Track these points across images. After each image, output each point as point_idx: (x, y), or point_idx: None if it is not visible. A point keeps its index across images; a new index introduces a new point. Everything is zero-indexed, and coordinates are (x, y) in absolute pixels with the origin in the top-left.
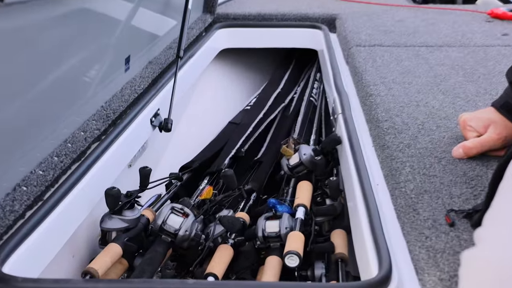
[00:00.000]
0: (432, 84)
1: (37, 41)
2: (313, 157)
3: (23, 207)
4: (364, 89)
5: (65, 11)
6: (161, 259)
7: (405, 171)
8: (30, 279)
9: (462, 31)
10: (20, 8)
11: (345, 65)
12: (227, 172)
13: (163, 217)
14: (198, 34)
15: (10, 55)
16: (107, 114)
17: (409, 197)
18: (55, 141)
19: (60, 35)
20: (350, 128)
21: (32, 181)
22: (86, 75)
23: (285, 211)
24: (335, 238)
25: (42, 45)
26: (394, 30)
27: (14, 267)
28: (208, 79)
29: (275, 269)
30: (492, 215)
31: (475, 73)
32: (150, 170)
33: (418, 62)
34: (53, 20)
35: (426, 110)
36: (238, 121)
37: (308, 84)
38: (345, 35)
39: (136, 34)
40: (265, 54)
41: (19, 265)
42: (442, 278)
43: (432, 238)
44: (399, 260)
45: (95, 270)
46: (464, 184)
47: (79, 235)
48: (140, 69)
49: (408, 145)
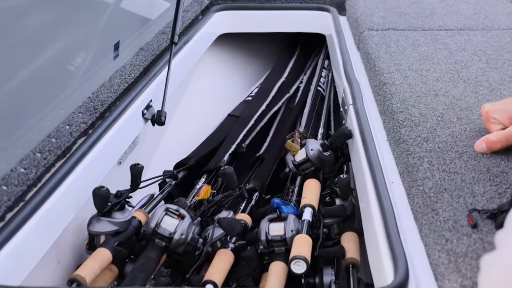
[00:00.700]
0: (453, 72)
1: (16, 26)
2: (321, 153)
3: (3, 209)
4: (377, 77)
5: None
6: (154, 266)
7: (423, 167)
8: (11, 287)
9: (485, 13)
10: None
11: (356, 51)
12: (227, 169)
13: (157, 219)
14: (194, 18)
15: None
16: (94, 106)
17: (427, 196)
18: (38, 136)
19: (42, 19)
20: (362, 120)
21: (12, 180)
22: (71, 63)
23: (291, 213)
24: (346, 242)
25: (22, 30)
26: (410, 12)
27: None
28: (205, 67)
29: (279, 276)
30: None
31: (500, 59)
32: (142, 167)
33: (436, 47)
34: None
35: (446, 100)
36: (238, 114)
37: (315, 72)
38: (356, 18)
39: (126, 18)
40: (267, 40)
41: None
42: (464, 284)
43: (453, 241)
44: (416, 265)
45: (82, 278)
46: (487, 181)
47: (65, 239)
48: (130, 56)
49: (426, 138)
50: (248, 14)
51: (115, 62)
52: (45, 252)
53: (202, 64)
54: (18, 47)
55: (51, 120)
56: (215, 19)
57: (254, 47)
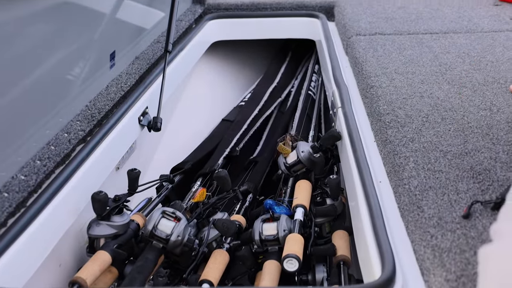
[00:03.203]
0: (437, 74)
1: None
2: (311, 155)
3: (4, 215)
4: (365, 80)
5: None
6: (152, 267)
7: (409, 166)
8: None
9: (468, 16)
10: None
11: (344, 55)
12: (220, 173)
13: (154, 222)
14: (188, 27)
15: None
16: (92, 113)
17: (413, 194)
18: (37, 144)
19: (41, 31)
20: (350, 122)
21: (13, 186)
22: (69, 73)
23: (283, 213)
24: (337, 240)
25: (22, 41)
26: (396, 17)
27: None
28: (199, 74)
29: (273, 274)
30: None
31: (483, 60)
32: (139, 172)
33: (421, 51)
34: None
35: (431, 101)
36: (232, 119)
37: (306, 77)
38: (344, 24)
39: (121, 28)
40: (259, 46)
41: (2, 276)
42: (449, 278)
43: (438, 237)
44: (403, 261)
45: (83, 280)
46: (471, 179)
47: (65, 243)
48: (126, 65)
49: (411, 139)
50: (240, 22)
51: (111, 71)
52: (47, 255)
53: (196, 71)
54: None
55: (50, 128)
56: (208, 28)
57: (247, 54)
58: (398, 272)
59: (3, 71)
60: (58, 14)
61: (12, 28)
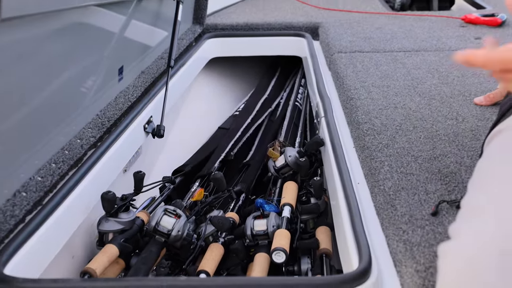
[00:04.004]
0: (409, 87)
1: (35, 54)
2: (298, 159)
3: (23, 212)
4: (345, 93)
5: (61, 25)
6: (155, 258)
7: (384, 169)
8: (31, 279)
9: (438, 36)
10: (17, 23)
11: (327, 70)
12: (217, 175)
13: (157, 218)
14: (188, 44)
15: (10, 68)
16: (102, 122)
17: (387, 194)
18: (53, 149)
19: (57, 48)
20: (332, 130)
21: (31, 187)
22: (82, 86)
23: (272, 210)
24: (320, 235)
25: (40, 57)
26: (373, 36)
27: (15, 269)
28: (198, 87)
29: (263, 265)
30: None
31: (450, 76)
32: (143, 174)
33: (396, 66)
34: (49, 33)
35: (404, 112)
36: (228, 126)
37: (293, 89)
38: (327, 42)
39: (129, 46)
40: (252, 62)
41: (20, 267)
42: (418, 269)
43: (409, 232)
44: (378, 253)
45: (93, 270)
46: (439, 181)
47: (78, 237)
48: (133, 78)
49: (386, 145)
50: (235, 41)
51: (119, 84)
52: (61, 248)
53: (195, 84)
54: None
55: (65, 135)
56: (207, 45)
57: (241, 69)
58: (373, 263)
59: (23, 84)
60: (72, 33)
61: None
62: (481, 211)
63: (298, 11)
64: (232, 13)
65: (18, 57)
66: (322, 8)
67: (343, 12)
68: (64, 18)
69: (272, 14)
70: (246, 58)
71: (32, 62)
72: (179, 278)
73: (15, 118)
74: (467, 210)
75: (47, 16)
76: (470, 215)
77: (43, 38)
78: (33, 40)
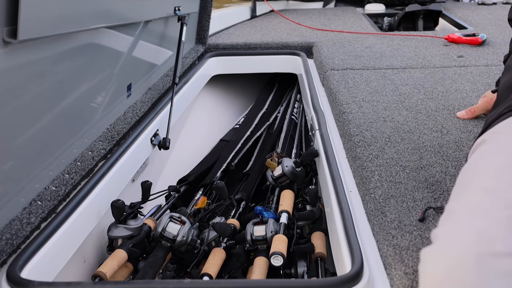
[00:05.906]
0: (397, 102)
1: (50, 72)
2: (294, 169)
3: (38, 219)
4: (338, 107)
5: (73, 46)
6: (161, 262)
7: (374, 179)
8: (45, 282)
9: (423, 54)
10: (33, 44)
11: (321, 86)
12: (219, 184)
13: (163, 225)
14: (192, 63)
15: (26, 85)
16: (111, 135)
17: (377, 201)
18: (66, 160)
19: (70, 67)
20: (326, 142)
21: (46, 196)
22: (92, 101)
23: (271, 217)
24: (315, 240)
25: (54, 76)
26: (363, 55)
27: (31, 273)
28: (201, 102)
29: (262, 268)
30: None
31: (435, 91)
32: (150, 184)
33: (384, 83)
34: (63, 53)
35: (392, 124)
36: (229, 139)
37: (289, 104)
38: (321, 60)
39: (137, 64)
40: (251, 79)
41: (36, 271)
42: (407, 272)
43: (398, 237)
44: (369, 257)
45: (103, 273)
46: (425, 189)
47: (89, 242)
48: (140, 95)
49: (376, 156)
50: (235, 59)
51: (128, 100)
52: (73, 253)
53: (198, 99)
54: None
55: (77, 147)
56: (209, 64)
57: (241, 85)
58: (365, 267)
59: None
60: (84, 53)
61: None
62: (457, 216)
63: (294, 31)
64: (232, 34)
65: (34, 75)
66: (315, 28)
67: (335, 32)
68: (77, 39)
69: (270, 35)
70: (245, 75)
71: (47, 80)
72: (184, 280)
73: (31, 132)
74: (445, 215)
75: (61, 38)
76: (446, 219)
77: (58, 58)
78: (48, 59)
